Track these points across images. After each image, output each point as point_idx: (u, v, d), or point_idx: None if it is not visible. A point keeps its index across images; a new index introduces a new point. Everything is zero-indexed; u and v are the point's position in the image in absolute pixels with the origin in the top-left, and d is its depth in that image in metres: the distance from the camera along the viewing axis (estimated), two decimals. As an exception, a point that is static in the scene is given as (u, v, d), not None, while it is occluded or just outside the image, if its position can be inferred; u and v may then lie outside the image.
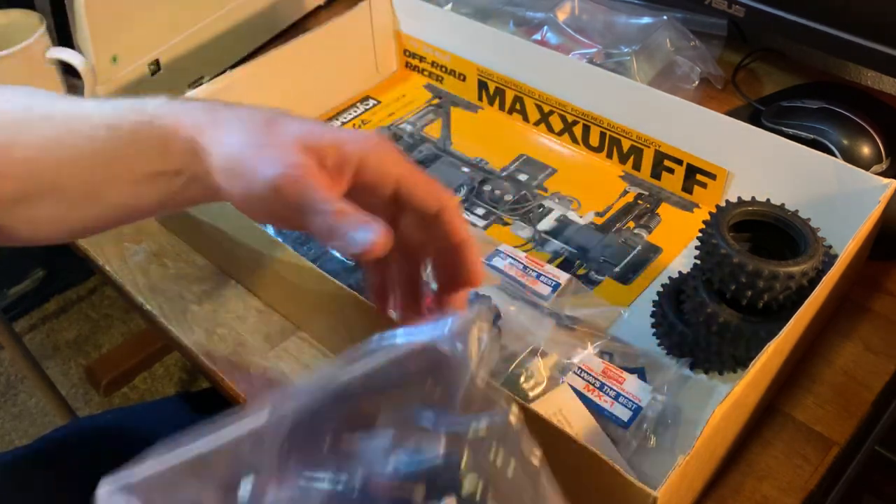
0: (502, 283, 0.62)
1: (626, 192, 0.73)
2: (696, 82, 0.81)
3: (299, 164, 0.40)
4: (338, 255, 0.64)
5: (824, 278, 0.51)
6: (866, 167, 0.66)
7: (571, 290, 0.61)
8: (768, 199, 0.58)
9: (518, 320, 0.59)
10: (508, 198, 0.73)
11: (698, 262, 0.56)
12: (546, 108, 0.77)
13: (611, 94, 0.72)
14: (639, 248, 0.68)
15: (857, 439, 0.56)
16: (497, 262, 0.63)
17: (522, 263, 0.63)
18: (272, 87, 0.77)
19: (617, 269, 0.66)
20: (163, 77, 0.83)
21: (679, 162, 0.70)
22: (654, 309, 0.60)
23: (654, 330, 0.60)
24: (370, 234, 0.39)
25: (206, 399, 0.81)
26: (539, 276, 0.62)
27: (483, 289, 0.61)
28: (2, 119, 0.45)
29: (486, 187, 0.74)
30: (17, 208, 0.45)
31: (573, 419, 0.53)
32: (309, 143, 0.41)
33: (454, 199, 0.44)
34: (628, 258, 0.67)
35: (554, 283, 0.61)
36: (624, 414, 0.53)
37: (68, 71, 0.76)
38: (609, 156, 0.75)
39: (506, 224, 0.71)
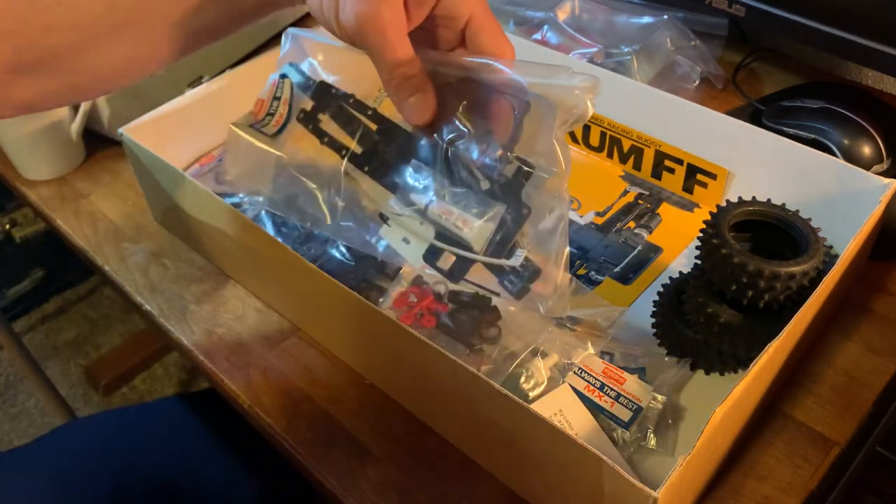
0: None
1: (626, 192, 0.73)
2: (697, 82, 0.81)
3: (382, 11, 0.42)
4: (337, 255, 0.64)
5: (825, 278, 0.51)
6: (867, 167, 0.66)
7: (571, 290, 0.61)
8: (769, 199, 0.58)
9: (518, 320, 0.58)
10: (508, 198, 0.73)
11: (699, 262, 0.56)
12: (546, 108, 0.77)
13: (611, 94, 0.72)
14: (639, 248, 0.68)
15: (858, 439, 0.56)
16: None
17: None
18: (272, 87, 0.77)
19: (617, 269, 0.66)
20: (162, 76, 0.82)
21: (679, 162, 0.70)
22: (654, 309, 0.60)
23: (654, 330, 0.60)
24: (419, 108, 0.45)
25: (204, 400, 0.81)
26: (539, 276, 0.62)
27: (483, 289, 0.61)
28: None
29: (486, 187, 0.74)
30: (100, 46, 0.44)
31: (573, 420, 0.52)
32: None
33: (512, 53, 0.46)
34: (628, 258, 0.67)
35: (554, 283, 0.61)
36: (624, 414, 0.53)
37: (68, 70, 0.75)
38: (609, 155, 0.75)
39: (506, 224, 0.70)
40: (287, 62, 0.53)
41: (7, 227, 1.52)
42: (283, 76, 0.53)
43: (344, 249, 0.62)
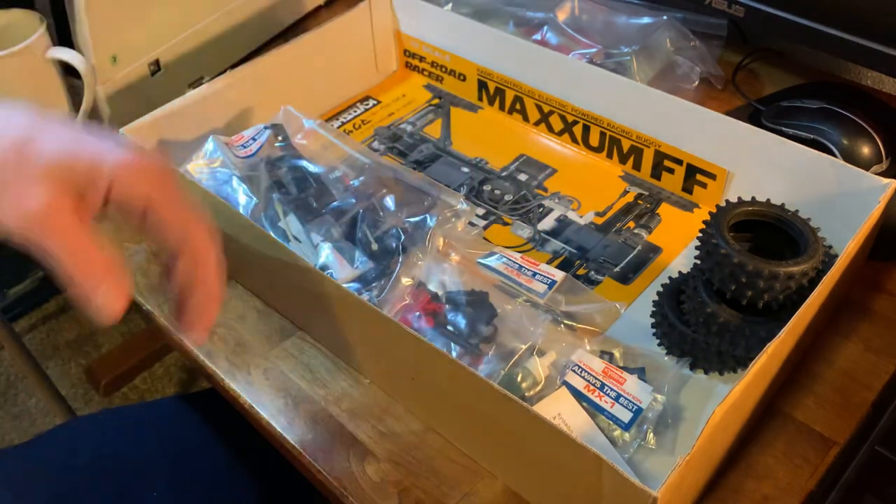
0: (500, 283, 0.62)
1: (626, 192, 0.73)
2: (696, 82, 0.81)
3: (42, 211, 0.38)
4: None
5: (824, 278, 0.51)
6: (866, 167, 0.66)
7: (567, 286, 0.61)
8: (768, 199, 0.58)
9: (515, 318, 0.59)
10: (508, 198, 0.73)
11: (698, 262, 0.56)
12: (546, 108, 0.77)
13: (611, 94, 0.72)
14: (639, 248, 0.68)
15: (858, 439, 0.56)
16: (493, 261, 0.63)
17: (518, 263, 0.63)
18: (272, 87, 0.77)
19: (617, 269, 0.66)
20: (163, 77, 0.83)
21: (679, 162, 0.70)
22: (654, 309, 0.60)
23: (654, 330, 0.60)
24: (111, 298, 0.38)
25: (204, 400, 0.81)
26: (535, 274, 0.62)
27: (481, 288, 0.61)
28: None
29: (486, 187, 0.74)
30: None
31: (572, 422, 0.53)
32: (62, 168, 0.38)
33: (201, 235, 0.41)
34: (628, 258, 0.67)
35: (550, 280, 0.61)
36: (624, 415, 0.53)
37: (68, 71, 0.76)
38: (609, 156, 0.75)
39: (506, 224, 0.71)
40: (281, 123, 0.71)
41: (8, 227, 1.52)
42: (268, 128, 0.70)
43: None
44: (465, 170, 0.76)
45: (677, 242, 0.68)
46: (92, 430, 0.77)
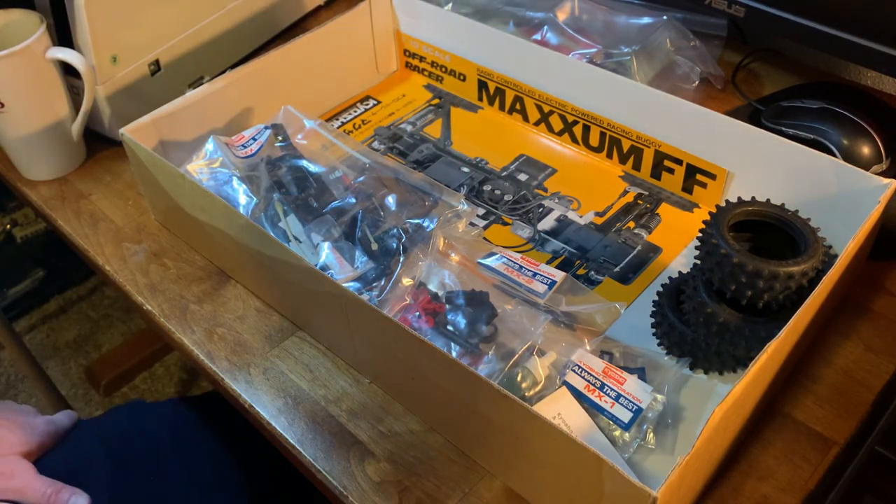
0: (500, 283, 0.62)
1: (626, 192, 0.73)
2: (696, 82, 0.81)
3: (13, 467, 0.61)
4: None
5: (824, 278, 0.51)
6: (866, 167, 0.66)
7: (567, 287, 0.61)
8: (768, 199, 0.58)
9: (515, 318, 0.59)
10: (508, 198, 0.73)
11: (698, 262, 0.56)
12: (546, 108, 0.77)
13: (611, 94, 0.72)
14: (639, 248, 0.68)
15: (857, 439, 0.56)
16: (493, 261, 0.63)
17: (518, 263, 0.63)
18: (272, 87, 0.77)
19: (617, 269, 0.66)
20: (163, 77, 0.83)
21: (679, 162, 0.70)
22: (654, 309, 0.60)
23: (654, 330, 0.60)
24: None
25: (204, 402, 0.81)
26: (535, 275, 0.62)
27: (481, 288, 0.61)
28: None
29: (486, 187, 0.74)
30: None
31: (572, 422, 0.53)
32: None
33: None
34: (628, 258, 0.67)
35: (550, 280, 0.61)
36: (624, 415, 0.53)
37: (68, 71, 0.76)
38: (609, 156, 0.75)
39: (506, 224, 0.71)
40: (280, 123, 0.72)
41: (8, 226, 1.53)
42: (268, 128, 0.71)
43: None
44: (465, 170, 0.76)
45: (677, 242, 0.68)
46: (89, 432, 0.76)
